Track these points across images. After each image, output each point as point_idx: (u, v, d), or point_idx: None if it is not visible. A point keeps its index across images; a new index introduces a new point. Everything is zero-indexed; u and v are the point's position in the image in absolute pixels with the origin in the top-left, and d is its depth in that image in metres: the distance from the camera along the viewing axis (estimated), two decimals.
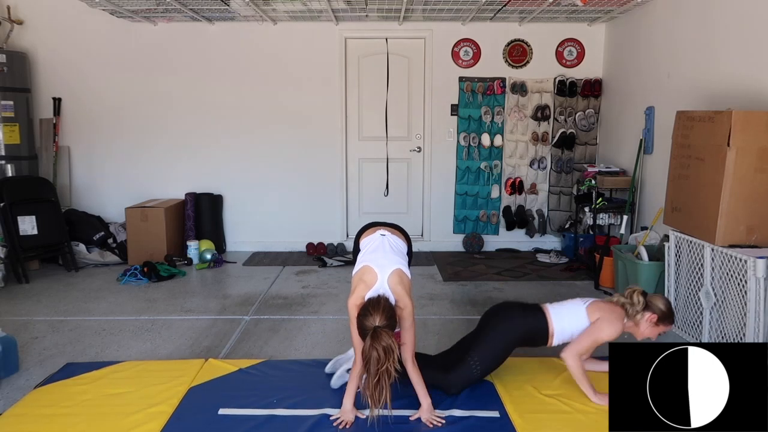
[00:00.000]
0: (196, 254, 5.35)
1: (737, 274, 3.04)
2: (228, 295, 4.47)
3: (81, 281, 4.78)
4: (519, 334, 2.79)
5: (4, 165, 5.25)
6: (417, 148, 5.94)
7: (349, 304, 2.54)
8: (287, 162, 5.84)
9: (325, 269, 5.25)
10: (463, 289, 4.61)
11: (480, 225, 5.99)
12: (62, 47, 5.61)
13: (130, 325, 3.78)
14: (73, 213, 5.51)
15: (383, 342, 2.27)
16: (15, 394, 2.79)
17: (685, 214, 3.52)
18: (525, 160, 5.89)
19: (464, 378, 2.72)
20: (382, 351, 2.26)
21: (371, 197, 6.02)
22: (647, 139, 4.70)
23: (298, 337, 3.59)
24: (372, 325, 2.32)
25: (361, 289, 2.53)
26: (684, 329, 3.59)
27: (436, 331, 3.67)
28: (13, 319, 3.81)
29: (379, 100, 5.85)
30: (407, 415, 2.54)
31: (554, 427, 2.47)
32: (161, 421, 2.48)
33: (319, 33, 5.68)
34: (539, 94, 5.78)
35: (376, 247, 2.73)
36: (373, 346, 2.28)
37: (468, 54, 5.76)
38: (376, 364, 2.26)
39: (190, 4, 4.93)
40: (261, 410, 2.59)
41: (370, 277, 2.55)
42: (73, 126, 5.74)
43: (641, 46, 4.93)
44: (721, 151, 3.14)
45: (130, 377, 2.90)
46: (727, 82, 3.70)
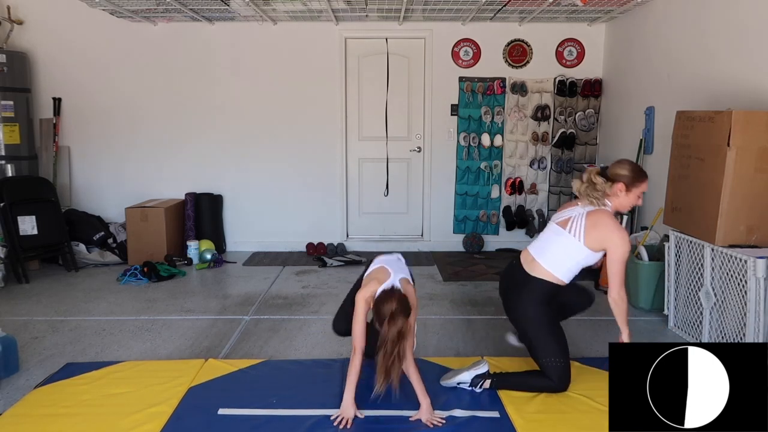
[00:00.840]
0: (196, 254, 5.35)
1: (737, 274, 3.04)
2: (228, 295, 4.47)
3: (81, 281, 4.78)
4: (541, 306, 2.73)
5: (4, 165, 5.25)
6: (417, 148, 5.94)
7: (358, 297, 2.59)
8: (287, 162, 5.84)
9: (325, 269, 5.25)
10: (463, 289, 4.61)
11: (480, 225, 5.99)
12: (62, 47, 5.61)
13: (130, 325, 3.78)
14: (73, 213, 5.51)
15: (399, 324, 2.39)
16: (15, 394, 2.79)
17: (685, 214, 3.52)
18: (525, 160, 5.89)
19: (559, 373, 2.70)
20: (398, 334, 2.38)
21: (371, 197, 6.02)
22: (647, 139, 4.70)
23: (298, 337, 3.58)
24: (390, 310, 2.43)
25: (374, 284, 2.60)
26: (684, 329, 3.59)
27: (436, 331, 3.67)
28: (13, 319, 3.81)
29: (379, 100, 5.85)
30: (407, 415, 2.54)
31: (554, 427, 2.47)
32: (161, 421, 2.48)
33: (319, 33, 5.68)
34: (539, 94, 5.78)
35: (390, 258, 2.87)
36: (390, 328, 2.39)
37: (468, 54, 5.76)
38: (392, 345, 2.38)
39: (190, 4, 4.93)
40: (261, 410, 2.59)
41: (383, 276, 2.65)
42: (73, 126, 5.74)
43: (641, 46, 4.92)
44: (721, 151, 3.14)
45: (129, 377, 2.90)
46: (727, 82, 3.69)
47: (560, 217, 2.81)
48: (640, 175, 2.74)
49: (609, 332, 3.65)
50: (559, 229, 2.77)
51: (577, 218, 2.72)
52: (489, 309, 4.10)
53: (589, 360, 3.13)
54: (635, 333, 3.64)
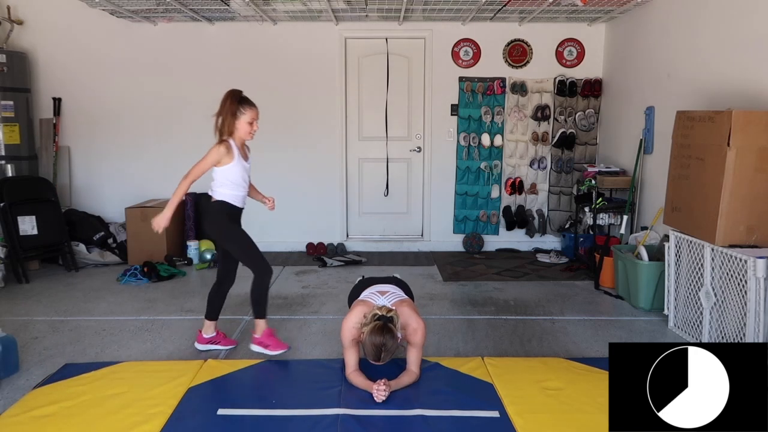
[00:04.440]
0: (196, 254, 5.35)
1: (737, 274, 3.04)
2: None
3: (81, 281, 4.78)
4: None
5: (4, 165, 5.26)
6: (417, 148, 5.94)
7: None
8: (287, 162, 5.84)
9: (325, 269, 5.25)
10: (463, 289, 4.61)
11: (480, 225, 5.99)
12: (62, 47, 5.62)
13: (130, 325, 3.78)
14: (73, 213, 5.51)
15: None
16: (15, 394, 2.79)
17: (685, 214, 3.52)
18: (525, 160, 5.89)
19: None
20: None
21: (371, 197, 6.01)
22: (647, 139, 4.70)
23: (298, 337, 3.58)
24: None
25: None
26: (684, 329, 3.59)
27: (436, 331, 3.66)
28: (13, 319, 3.81)
29: (379, 100, 5.85)
30: (408, 415, 2.54)
31: (554, 427, 2.46)
32: (160, 421, 2.48)
33: (319, 33, 5.68)
34: (539, 94, 5.78)
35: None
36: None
37: (468, 54, 5.75)
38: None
39: (190, 4, 4.93)
40: (260, 410, 2.59)
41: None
42: (73, 126, 5.74)
43: (641, 46, 4.92)
44: (721, 151, 3.14)
45: (128, 378, 2.90)
46: (727, 82, 3.69)
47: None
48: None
49: (609, 332, 3.65)
50: None
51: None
52: (489, 309, 4.10)
53: (589, 360, 3.13)
54: (635, 333, 3.66)
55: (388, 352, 2.62)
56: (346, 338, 2.79)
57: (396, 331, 2.64)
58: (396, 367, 2.86)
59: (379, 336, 2.58)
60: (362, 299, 2.94)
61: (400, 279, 3.32)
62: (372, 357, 2.65)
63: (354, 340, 2.77)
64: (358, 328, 2.72)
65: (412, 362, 2.83)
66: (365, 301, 2.90)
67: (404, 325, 2.76)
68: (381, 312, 2.68)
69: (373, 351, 2.62)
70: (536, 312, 4.05)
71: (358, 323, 2.73)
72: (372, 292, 2.97)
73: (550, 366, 3.03)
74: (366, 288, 3.04)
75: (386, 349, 2.60)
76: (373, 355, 2.63)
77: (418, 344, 2.81)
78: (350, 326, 2.77)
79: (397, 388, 2.71)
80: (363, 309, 2.78)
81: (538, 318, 3.93)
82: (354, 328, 2.75)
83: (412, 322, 2.78)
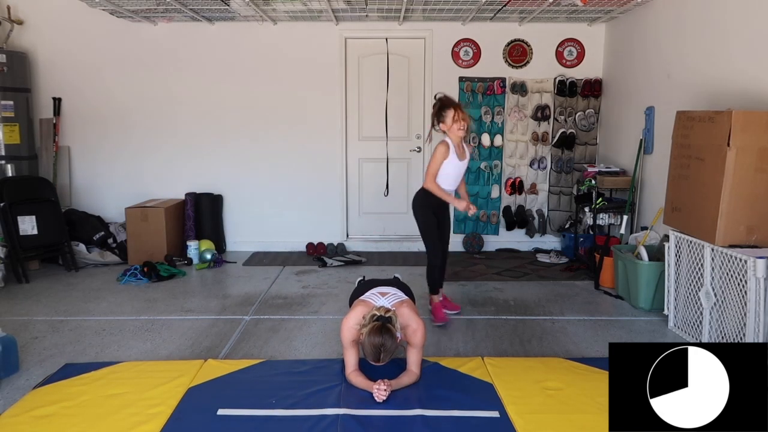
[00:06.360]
0: (196, 254, 5.35)
1: (737, 274, 3.04)
2: (228, 295, 4.47)
3: (81, 281, 4.78)
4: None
5: (4, 165, 5.26)
6: (417, 148, 5.94)
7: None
8: (287, 162, 5.84)
9: (325, 269, 5.25)
10: (463, 289, 4.61)
11: (480, 225, 5.99)
12: (62, 47, 5.61)
13: (130, 325, 3.78)
14: (73, 213, 5.51)
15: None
16: (15, 394, 2.79)
17: (685, 214, 3.52)
18: (525, 160, 5.89)
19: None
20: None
21: (371, 197, 6.01)
22: (647, 139, 4.70)
23: (298, 337, 3.58)
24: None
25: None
26: (684, 329, 3.59)
27: (436, 331, 3.66)
28: (13, 319, 3.81)
29: (379, 100, 5.85)
30: (408, 415, 2.54)
31: (554, 427, 2.47)
32: (160, 421, 2.48)
33: (319, 33, 5.68)
34: (539, 94, 5.78)
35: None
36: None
37: (468, 54, 5.75)
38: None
39: (190, 4, 4.93)
40: (260, 410, 2.59)
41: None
42: (73, 126, 5.74)
43: (641, 46, 4.92)
44: (721, 151, 3.14)
45: (128, 378, 2.90)
46: (727, 82, 3.69)
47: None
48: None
49: (609, 332, 3.65)
50: None
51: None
52: (489, 309, 4.10)
53: (589, 360, 3.13)
54: (635, 333, 3.66)
55: (387, 353, 2.62)
56: (346, 338, 2.79)
57: (395, 331, 2.64)
58: (396, 367, 2.86)
59: (377, 336, 2.59)
60: (362, 300, 2.94)
61: (401, 280, 3.32)
62: (371, 357, 2.66)
63: (354, 340, 2.77)
64: (357, 328, 2.72)
65: (412, 362, 2.84)
66: (365, 301, 2.90)
67: (404, 325, 2.77)
68: (379, 312, 2.68)
69: (372, 351, 2.62)
70: (536, 312, 4.05)
71: (358, 324, 2.73)
72: (372, 293, 2.97)
73: (550, 366, 3.03)
74: (367, 289, 3.05)
75: (385, 350, 2.60)
76: (372, 355, 2.64)
77: (418, 345, 2.81)
78: (350, 326, 2.77)
79: (397, 388, 2.71)
80: (362, 309, 2.79)
81: (538, 318, 3.93)
82: (353, 329, 2.75)
83: (412, 323, 2.79)
